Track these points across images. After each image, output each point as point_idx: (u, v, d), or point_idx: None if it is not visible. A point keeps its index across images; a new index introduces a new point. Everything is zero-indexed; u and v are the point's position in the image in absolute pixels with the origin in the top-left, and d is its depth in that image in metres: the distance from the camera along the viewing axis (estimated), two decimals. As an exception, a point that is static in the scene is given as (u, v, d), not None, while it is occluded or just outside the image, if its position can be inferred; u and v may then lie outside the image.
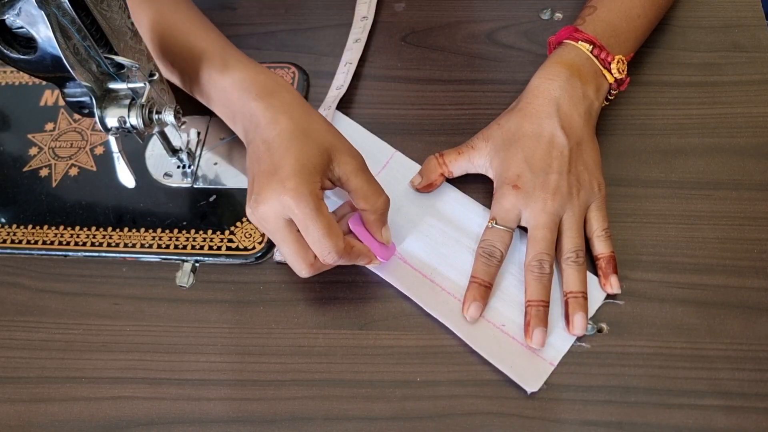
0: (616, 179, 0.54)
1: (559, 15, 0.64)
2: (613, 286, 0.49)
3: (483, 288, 0.49)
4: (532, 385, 0.47)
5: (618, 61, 0.53)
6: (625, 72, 0.54)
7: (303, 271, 0.47)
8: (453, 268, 0.51)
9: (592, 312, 0.49)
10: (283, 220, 0.45)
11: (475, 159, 0.53)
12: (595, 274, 0.50)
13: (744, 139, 0.56)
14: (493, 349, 0.48)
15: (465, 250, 0.52)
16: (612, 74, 0.53)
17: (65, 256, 0.55)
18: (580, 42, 0.53)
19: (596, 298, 0.50)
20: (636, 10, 0.56)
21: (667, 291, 0.50)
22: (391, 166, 0.57)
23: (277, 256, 0.53)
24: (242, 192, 0.56)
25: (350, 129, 0.58)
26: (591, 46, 0.53)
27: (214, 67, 0.50)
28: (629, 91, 0.58)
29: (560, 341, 0.48)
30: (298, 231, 0.46)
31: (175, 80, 0.55)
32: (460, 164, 0.54)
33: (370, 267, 0.51)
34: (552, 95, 0.51)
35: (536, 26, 0.64)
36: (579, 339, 0.48)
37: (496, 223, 0.50)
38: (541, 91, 0.52)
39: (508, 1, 0.66)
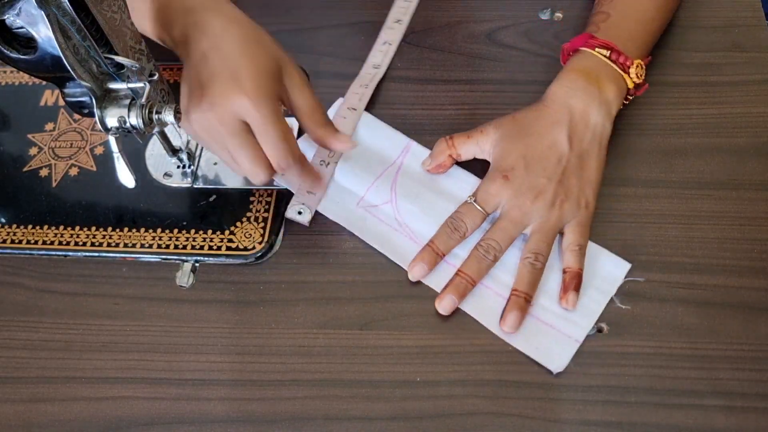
0: (616, 179, 0.54)
1: (558, 15, 0.64)
2: (569, 302, 0.49)
3: (434, 255, 0.51)
4: (558, 365, 0.47)
5: (637, 66, 0.53)
6: (644, 76, 0.54)
7: (262, 173, 0.47)
8: (461, 246, 0.52)
9: (613, 290, 0.50)
10: (240, 122, 0.45)
11: (482, 143, 0.53)
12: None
13: (744, 139, 0.56)
14: (518, 331, 0.49)
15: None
16: (631, 78, 0.53)
17: (65, 256, 0.55)
18: (596, 49, 0.53)
19: (616, 276, 0.50)
20: (650, 13, 0.56)
21: (667, 291, 0.50)
22: (408, 155, 0.57)
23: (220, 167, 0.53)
24: (242, 192, 0.56)
25: (368, 127, 0.59)
26: (608, 52, 0.52)
27: None
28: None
29: (584, 319, 0.49)
30: (253, 135, 0.46)
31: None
32: (469, 148, 0.54)
33: (394, 258, 0.52)
34: (567, 102, 0.52)
35: (536, 26, 0.64)
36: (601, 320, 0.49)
37: (475, 201, 0.51)
38: (558, 97, 0.52)
39: (508, 1, 0.66)
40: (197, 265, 0.54)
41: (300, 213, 0.54)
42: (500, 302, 0.50)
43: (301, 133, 0.56)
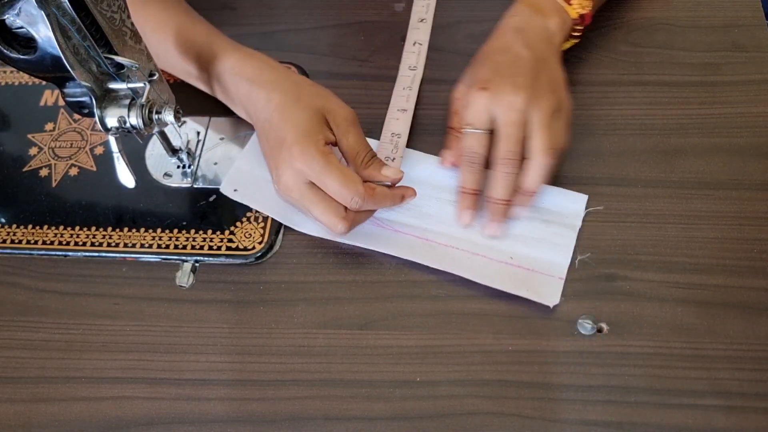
0: (616, 179, 0.54)
1: (559, 15, 0.64)
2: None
3: (472, 196, 0.52)
4: (552, 300, 0.49)
5: None
6: (589, 8, 0.56)
7: (338, 225, 0.49)
8: (442, 223, 0.53)
9: (578, 224, 0.52)
10: (304, 184, 0.49)
11: (463, 98, 0.54)
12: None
13: (744, 139, 0.56)
14: (506, 281, 0.51)
15: (446, 204, 0.54)
16: (575, 8, 0.55)
17: (65, 256, 0.55)
18: None
19: (577, 210, 0.53)
20: None
21: (667, 291, 0.50)
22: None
23: (299, 225, 0.54)
24: (242, 192, 0.56)
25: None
26: None
27: (207, 59, 0.54)
28: (629, 91, 0.58)
29: (560, 256, 0.51)
30: (320, 189, 0.49)
31: (184, 77, 0.58)
32: (466, 117, 0.54)
33: (363, 244, 0.53)
34: (515, 26, 0.54)
35: (536, 26, 0.63)
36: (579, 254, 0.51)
37: (470, 126, 0.51)
38: (503, 25, 0.55)
39: (508, 1, 0.65)
40: (197, 265, 0.54)
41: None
42: (478, 261, 0.52)
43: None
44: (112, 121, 0.46)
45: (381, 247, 0.53)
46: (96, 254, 0.54)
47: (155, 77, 0.47)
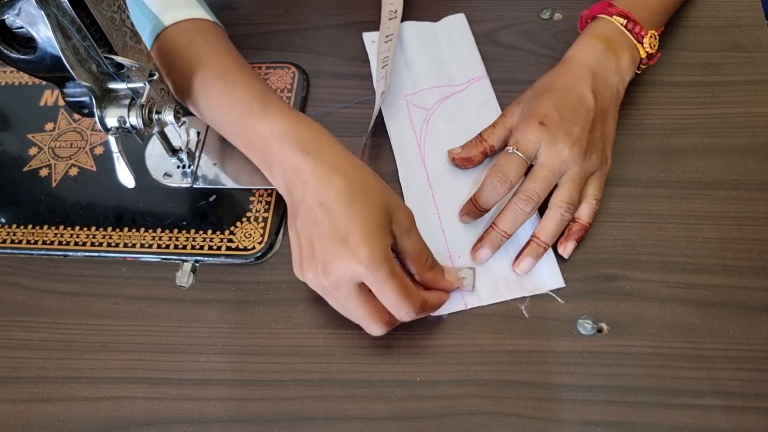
0: (616, 179, 0.54)
1: (558, 15, 0.64)
2: (567, 249, 0.51)
3: (477, 211, 0.52)
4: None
5: (651, 36, 0.54)
6: (657, 46, 0.55)
7: (378, 330, 0.46)
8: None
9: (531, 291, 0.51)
10: (355, 285, 0.44)
11: (508, 122, 0.54)
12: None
13: (744, 139, 0.56)
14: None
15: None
16: (645, 48, 0.54)
17: (65, 256, 0.55)
18: (614, 16, 0.54)
19: (545, 284, 0.51)
20: None
21: (667, 291, 0.50)
22: (473, 87, 0.59)
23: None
24: (242, 192, 0.56)
25: (458, 34, 0.63)
26: (625, 20, 0.54)
27: (252, 114, 0.49)
28: (629, 91, 0.58)
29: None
30: (369, 291, 0.44)
31: (207, 120, 0.53)
32: (498, 134, 0.54)
33: None
34: (587, 64, 0.53)
35: (536, 26, 0.64)
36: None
37: (516, 149, 0.50)
38: (577, 60, 0.53)
39: (508, 1, 0.66)
40: (197, 265, 0.54)
41: (477, 299, 0.51)
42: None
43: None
44: (112, 121, 0.46)
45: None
46: (96, 254, 0.54)
47: (155, 77, 0.47)
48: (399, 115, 0.59)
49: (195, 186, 0.57)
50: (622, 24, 0.54)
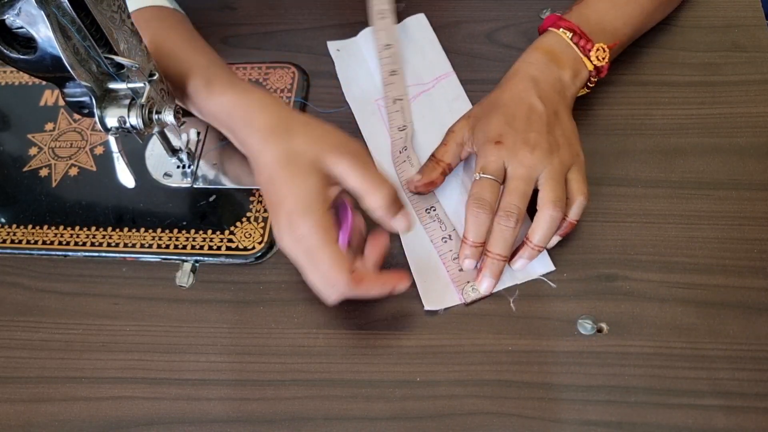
0: (616, 179, 0.54)
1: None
2: (551, 242, 0.51)
3: (474, 248, 0.50)
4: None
5: (597, 49, 0.54)
6: (606, 59, 0.55)
7: (342, 276, 0.45)
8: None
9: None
10: (304, 250, 0.46)
11: (458, 138, 0.54)
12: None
13: (744, 139, 0.56)
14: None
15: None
16: (591, 61, 0.54)
17: (65, 256, 0.55)
18: (561, 29, 0.54)
19: (537, 270, 0.52)
20: None
21: (667, 291, 0.50)
22: (442, 84, 0.60)
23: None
24: (242, 192, 0.56)
25: (421, 34, 0.64)
26: (571, 34, 0.54)
27: (200, 90, 0.51)
28: (629, 91, 0.58)
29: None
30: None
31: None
32: (451, 151, 0.54)
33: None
34: (530, 75, 0.53)
35: (536, 26, 0.63)
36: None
37: (483, 174, 0.50)
38: (519, 72, 0.54)
39: (508, 1, 0.66)
40: (197, 265, 0.54)
41: (473, 289, 0.51)
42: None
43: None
44: (112, 121, 0.46)
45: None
46: (96, 254, 0.54)
47: (155, 77, 0.47)
48: (372, 118, 0.59)
49: (195, 186, 0.57)
50: (568, 37, 0.54)
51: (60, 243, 0.55)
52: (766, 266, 0.50)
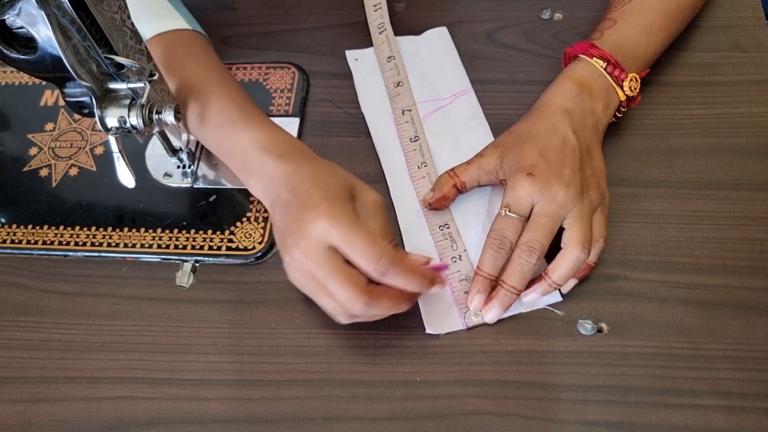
0: (616, 179, 0.54)
1: (559, 15, 0.64)
2: (568, 285, 0.50)
3: (487, 281, 0.49)
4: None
5: (631, 79, 0.53)
6: (638, 90, 0.54)
7: (356, 300, 0.43)
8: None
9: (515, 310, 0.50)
10: (324, 249, 0.43)
11: (484, 164, 0.52)
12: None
13: (744, 139, 0.56)
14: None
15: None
16: (624, 92, 0.53)
17: (65, 256, 0.55)
18: (594, 59, 0.53)
19: (544, 299, 0.50)
20: (657, 23, 0.55)
21: (667, 291, 0.50)
22: (459, 101, 0.59)
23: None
24: (242, 192, 0.56)
25: (441, 48, 0.63)
26: (605, 63, 0.53)
27: (233, 125, 0.50)
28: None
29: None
30: (341, 258, 0.44)
31: (190, 131, 0.54)
32: (471, 172, 0.53)
33: None
34: (563, 107, 0.52)
35: (536, 26, 0.64)
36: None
37: (509, 211, 0.49)
38: (552, 103, 0.52)
39: (508, 1, 0.66)
40: (197, 265, 0.54)
41: (477, 314, 0.50)
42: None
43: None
44: (112, 121, 0.46)
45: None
46: (96, 254, 0.54)
47: (155, 77, 0.47)
48: (386, 132, 0.58)
49: (195, 186, 0.57)
50: (602, 67, 0.53)
51: (60, 243, 0.55)
52: (766, 266, 0.50)
